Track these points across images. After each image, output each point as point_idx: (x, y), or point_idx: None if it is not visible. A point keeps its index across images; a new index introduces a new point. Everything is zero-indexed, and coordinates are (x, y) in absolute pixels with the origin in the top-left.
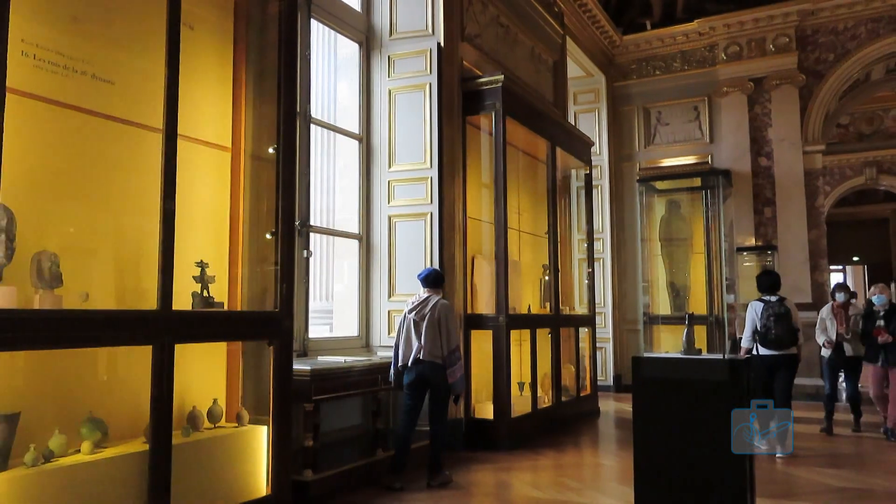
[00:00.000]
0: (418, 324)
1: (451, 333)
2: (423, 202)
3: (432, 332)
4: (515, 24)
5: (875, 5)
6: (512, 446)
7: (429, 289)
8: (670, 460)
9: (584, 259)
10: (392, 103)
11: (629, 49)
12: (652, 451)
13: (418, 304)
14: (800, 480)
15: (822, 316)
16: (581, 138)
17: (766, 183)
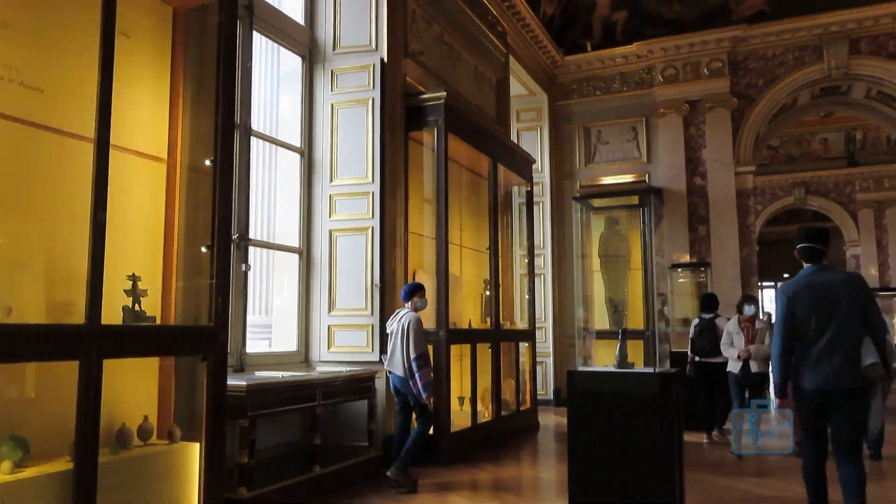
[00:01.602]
0: (391, 336)
1: (413, 343)
2: (364, 217)
3: (398, 343)
4: (459, 43)
5: (801, 34)
6: (452, 461)
7: (405, 302)
8: (603, 472)
9: (525, 274)
10: (335, 117)
11: (571, 69)
12: (586, 463)
13: (392, 317)
14: (728, 490)
15: (729, 329)
16: (523, 156)
17: (700, 202)
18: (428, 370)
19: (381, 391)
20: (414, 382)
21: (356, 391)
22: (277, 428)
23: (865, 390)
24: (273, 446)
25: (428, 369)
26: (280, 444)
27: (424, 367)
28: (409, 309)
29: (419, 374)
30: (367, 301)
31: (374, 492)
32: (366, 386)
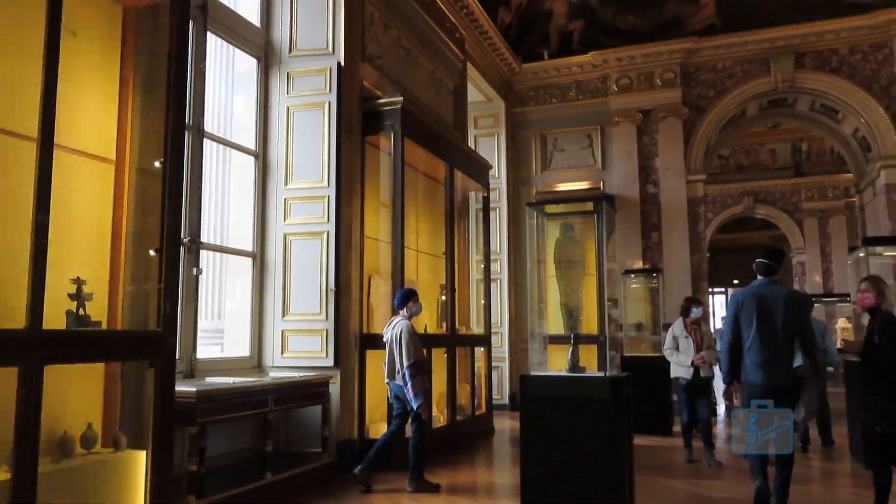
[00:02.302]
0: (387, 345)
1: (405, 351)
2: (319, 221)
3: (394, 352)
4: (417, 48)
5: (749, 48)
6: (405, 466)
7: (398, 310)
8: (555, 475)
9: (481, 280)
10: (290, 120)
11: (528, 77)
12: (538, 466)
13: (387, 326)
14: (677, 492)
15: (675, 333)
16: (480, 161)
17: (653, 209)
18: (421, 378)
19: (335, 396)
20: (407, 390)
21: (310, 396)
22: (229, 434)
23: (796, 387)
24: (224, 453)
25: (421, 378)
26: (231, 451)
27: (417, 376)
28: (403, 316)
29: (411, 383)
30: (321, 306)
31: (326, 498)
32: (320, 391)
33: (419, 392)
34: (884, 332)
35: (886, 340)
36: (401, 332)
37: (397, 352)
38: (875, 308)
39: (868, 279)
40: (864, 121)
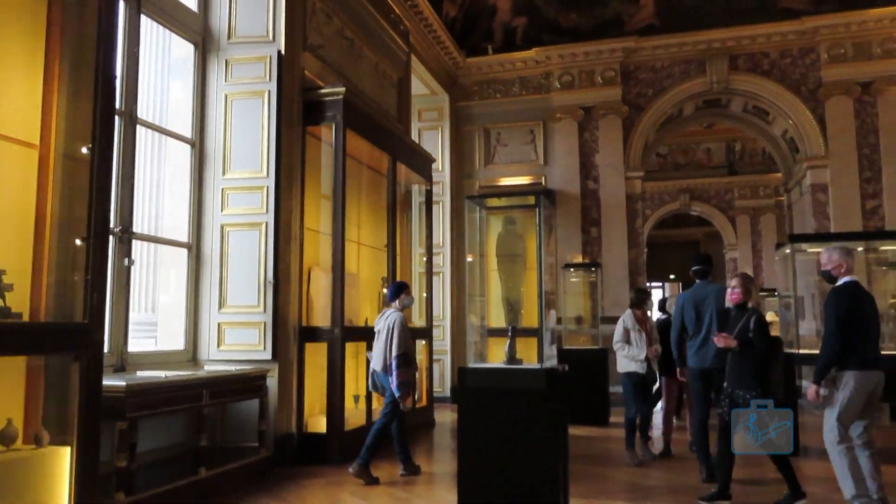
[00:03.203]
0: (377, 335)
1: (396, 342)
2: (258, 211)
3: (382, 343)
4: (360, 39)
5: (686, 49)
6: (345, 459)
7: (390, 302)
8: (492, 466)
9: (424, 273)
10: (229, 108)
11: (472, 71)
12: (475, 457)
13: (380, 317)
14: (614, 481)
15: (627, 325)
16: (423, 154)
17: (593, 205)
18: (406, 370)
19: (273, 390)
20: (391, 379)
21: (246, 390)
22: (161, 429)
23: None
24: (157, 449)
25: (407, 369)
26: (165, 447)
27: (403, 367)
28: (395, 308)
29: (397, 372)
30: (259, 298)
31: (262, 492)
32: (257, 385)
33: (403, 382)
34: (757, 329)
35: (759, 336)
36: (394, 322)
37: (388, 341)
38: (742, 304)
39: (738, 276)
40: (792, 122)
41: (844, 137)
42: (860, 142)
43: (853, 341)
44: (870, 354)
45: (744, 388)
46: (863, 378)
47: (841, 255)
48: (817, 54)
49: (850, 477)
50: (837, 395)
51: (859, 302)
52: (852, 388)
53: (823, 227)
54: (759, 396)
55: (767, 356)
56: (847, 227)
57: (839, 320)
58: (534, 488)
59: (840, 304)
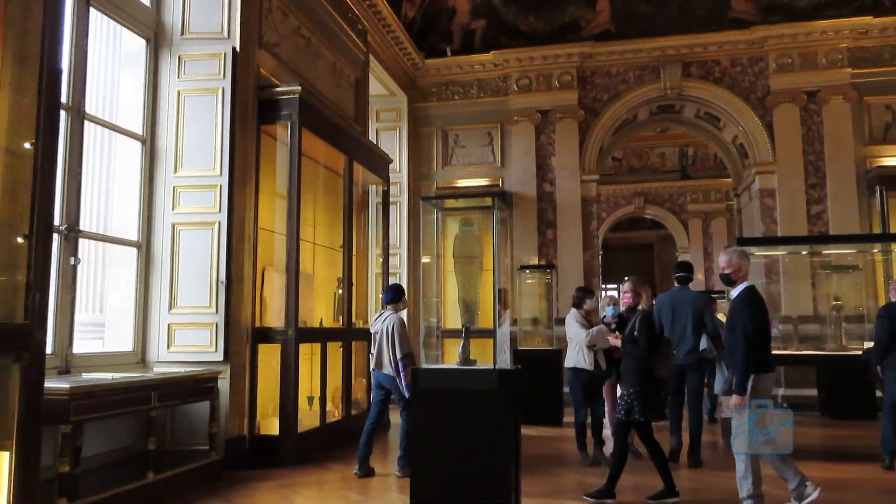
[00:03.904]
0: (375, 336)
1: (399, 343)
2: (211, 210)
3: (384, 344)
4: (318, 38)
5: (641, 55)
6: (298, 462)
7: (388, 305)
8: (444, 467)
9: (380, 273)
10: (181, 105)
11: (430, 72)
12: (428, 459)
13: (377, 319)
14: (564, 480)
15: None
16: (380, 155)
17: (549, 207)
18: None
19: (224, 392)
20: (400, 380)
21: (197, 392)
22: (108, 433)
23: (701, 365)
24: (103, 453)
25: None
26: (111, 451)
27: (410, 367)
28: (391, 310)
29: (405, 374)
30: (211, 298)
31: (212, 496)
32: (207, 387)
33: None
34: (641, 329)
35: (643, 336)
36: (392, 325)
37: (388, 344)
38: (634, 307)
39: (630, 281)
40: (742, 129)
41: (791, 144)
42: (806, 149)
43: (757, 347)
44: (769, 358)
45: (627, 385)
46: (766, 382)
47: (740, 259)
48: (766, 63)
49: (750, 475)
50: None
51: (763, 307)
52: (755, 388)
53: (771, 230)
54: (641, 393)
55: (651, 354)
56: (793, 231)
57: (753, 328)
58: (486, 488)
59: (753, 312)
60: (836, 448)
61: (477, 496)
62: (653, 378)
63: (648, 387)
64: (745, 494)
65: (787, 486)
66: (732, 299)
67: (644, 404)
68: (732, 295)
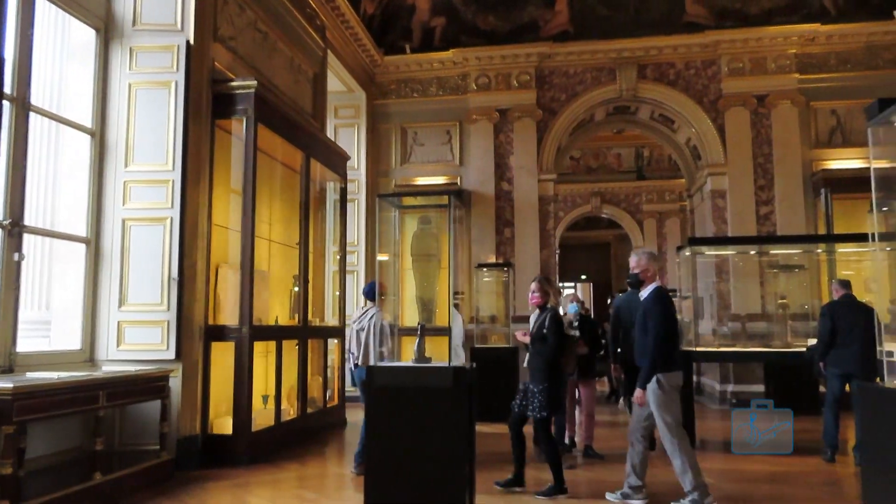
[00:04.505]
0: (359, 333)
1: (385, 339)
2: (163, 206)
3: (370, 340)
4: (275, 32)
5: (598, 56)
6: (252, 461)
7: (370, 301)
8: (399, 463)
9: (338, 271)
10: (132, 98)
11: (389, 70)
12: (382, 455)
13: (359, 315)
14: None
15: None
16: (338, 152)
17: (507, 205)
18: None
19: (176, 391)
20: None
21: (147, 391)
22: (54, 434)
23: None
24: (49, 454)
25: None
26: (58, 451)
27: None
28: (375, 307)
29: None
30: (163, 296)
31: (163, 496)
32: (158, 385)
33: None
34: (551, 327)
35: (552, 334)
36: (382, 321)
37: (376, 340)
38: (543, 306)
39: (537, 280)
40: (695, 131)
41: (741, 147)
42: (755, 151)
43: (668, 345)
44: (677, 355)
45: (535, 382)
46: (674, 378)
47: (648, 260)
48: (718, 67)
49: (689, 468)
50: (663, 396)
51: (671, 307)
52: (668, 385)
53: (722, 231)
54: (547, 390)
55: (560, 352)
56: (743, 231)
57: (664, 326)
58: (440, 485)
59: (663, 311)
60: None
61: (432, 493)
62: (560, 375)
63: (556, 384)
64: (689, 487)
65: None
66: (643, 299)
67: (550, 401)
68: (642, 295)
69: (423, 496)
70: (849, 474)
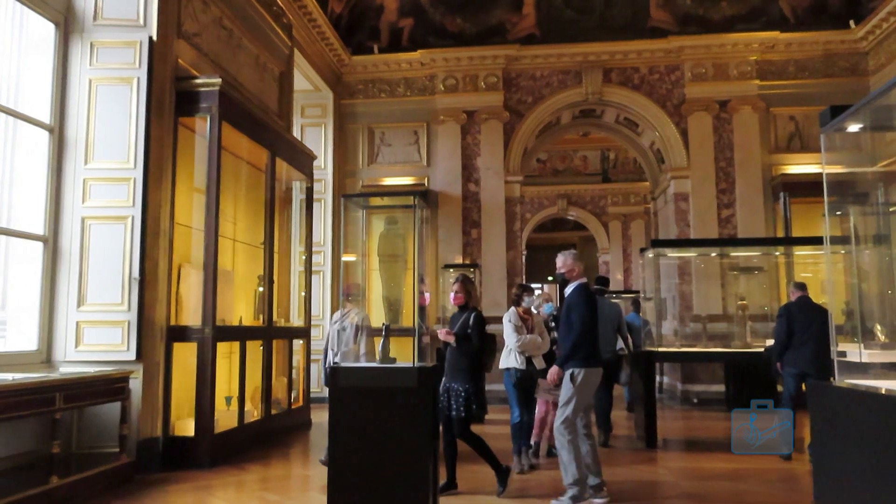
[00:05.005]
0: (340, 334)
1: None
2: (124, 204)
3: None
4: (240, 29)
5: (564, 60)
6: (214, 463)
7: (349, 302)
8: (363, 465)
9: (304, 271)
10: (93, 94)
11: (357, 69)
12: (346, 456)
13: (343, 316)
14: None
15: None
16: (304, 151)
17: (474, 207)
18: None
19: (136, 392)
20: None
21: (106, 393)
22: (9, 436)
23: (618, 361)
24: (4, 457)
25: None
26: (13, 455)
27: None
28: (356, 307)
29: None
30: (123, 295)
31: (121, 500)
32: (118, 387)
33: None
34: (475, 327)
35: (476, 334)
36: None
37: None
38: (465, 305)
39: (459, 281)
40: (658, 135)
41: (704, 151)
42: (717, 155)
43: (589, 339)
44: (598, 352)
45: (458, 382)
46: (593, 375)
47: (574, 261)
48: (682, 72)
49: (574, 462)
50: (573, 389)
51: (594, 303)
52: (583, 382)
53: (685, 233)
54: (472, 391)
55: (482, 351)
56: (705, 233)
57: (587, 318)
58: (404, 485)
59: (586, 306)
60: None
61: (395, 493)
62: (482, 375)
63: (479, 383)
64: (570, 481)
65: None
66: (567, 296)
67: (477, 401)
68: (566, 292)
69: (387, 496)
70: (804, 472)
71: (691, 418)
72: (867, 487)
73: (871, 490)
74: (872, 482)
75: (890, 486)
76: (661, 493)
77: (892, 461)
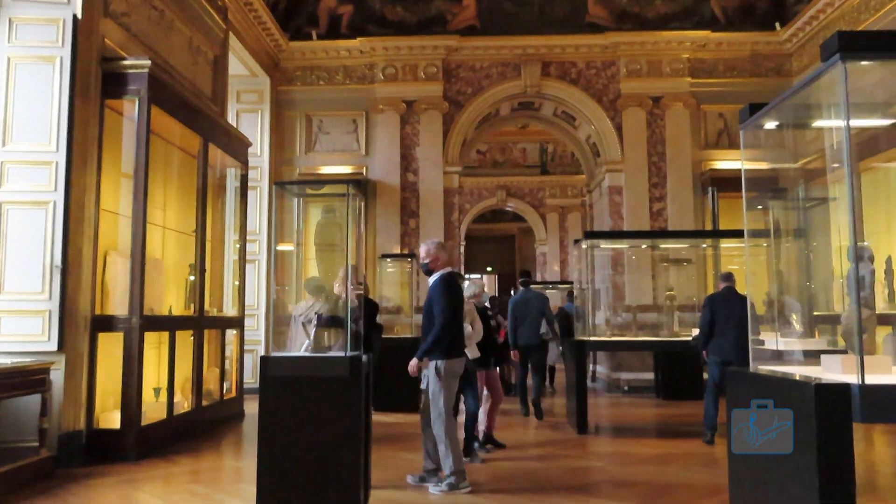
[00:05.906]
0: (305, 326)
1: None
2: (45, 189)
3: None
4: (172, 10)
5: (504, 52)
6: (141, 456)
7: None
8: (293, 454)
9: (238, 260)
10: (11, 73)
11: (295, 56)
12: (277, 447)
13: (307, 308)
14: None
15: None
16: (239, 137)
17: (412, 197)
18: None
19: (58, 384)
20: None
21: (24, 385)
22: None
23: (544, 345)
24: None
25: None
26: None
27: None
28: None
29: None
30: (44, 284)
31: (42, 495)
32: (37, 379)
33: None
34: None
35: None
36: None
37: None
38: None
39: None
40: (594, 129)
41: (637, 145)
42: (650, 150)
43: (450, 332)
44: (460, 343)
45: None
46: (456, 365)
47: (437, 250)
48: (617, 68)
49: (452, 453)
50: (439, 382)
51: (456, 293)
52: (448, 373)
53: (619, 225)
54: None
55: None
56: (637, 226)
57: (448, 309)
58: (335, 474)
59: (447, 296)
60: (666, 426)
61: (326, 483)
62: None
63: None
64: (448, 471)
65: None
66: (430, 287)
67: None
68: (430, 282)
69: (318, 486)
70: (726, 456)
71: (621, 405)
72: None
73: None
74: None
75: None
76: (590, 479)
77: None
